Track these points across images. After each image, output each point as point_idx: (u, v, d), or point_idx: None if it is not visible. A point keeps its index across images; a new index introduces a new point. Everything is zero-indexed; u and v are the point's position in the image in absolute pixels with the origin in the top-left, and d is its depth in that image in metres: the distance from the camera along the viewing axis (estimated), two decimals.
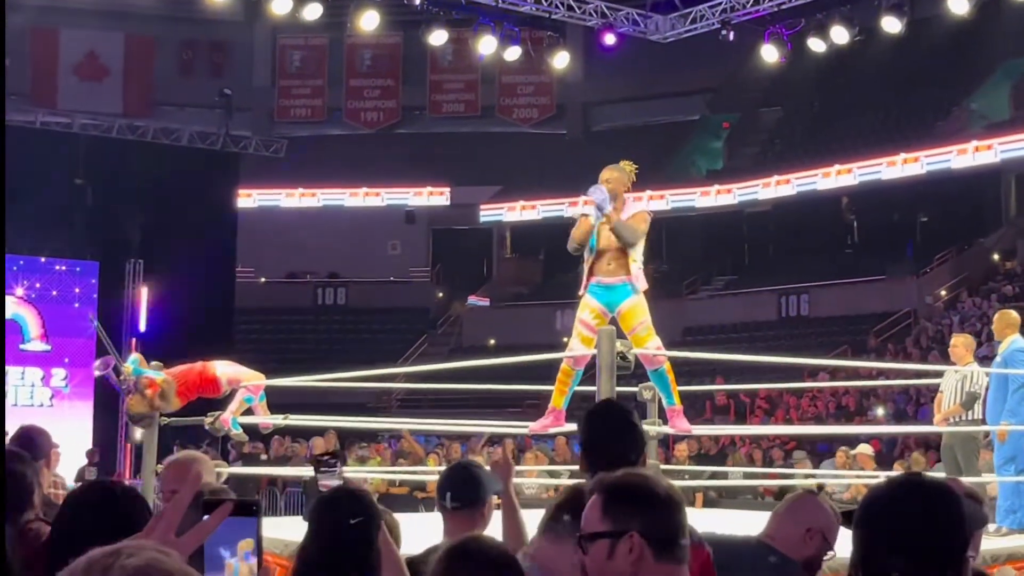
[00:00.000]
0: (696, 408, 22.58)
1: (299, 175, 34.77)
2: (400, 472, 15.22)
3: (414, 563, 3.57)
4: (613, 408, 3.95)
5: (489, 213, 36.33)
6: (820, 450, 18.52)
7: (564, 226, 8.78)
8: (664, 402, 8.41)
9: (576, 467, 9.12)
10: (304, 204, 36.48)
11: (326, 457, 3.73)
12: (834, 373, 22.41)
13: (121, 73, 35.42)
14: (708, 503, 14.19)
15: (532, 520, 3.32)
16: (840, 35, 21.40)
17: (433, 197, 37.07)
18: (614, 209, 8.07)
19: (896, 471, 14.59)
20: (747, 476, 13.80)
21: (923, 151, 29.12)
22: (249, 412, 10.13)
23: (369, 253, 36.23)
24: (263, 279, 35.51)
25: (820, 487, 3.80)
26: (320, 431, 16.74)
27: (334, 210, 36.30)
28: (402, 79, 38.07)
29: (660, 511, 2.33)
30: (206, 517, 1.76)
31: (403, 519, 4.20)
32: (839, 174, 30.57)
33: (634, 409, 4.03)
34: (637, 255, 8.15)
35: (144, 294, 23.36)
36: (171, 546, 1.62)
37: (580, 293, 8.27)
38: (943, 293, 28.67)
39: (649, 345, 8.05)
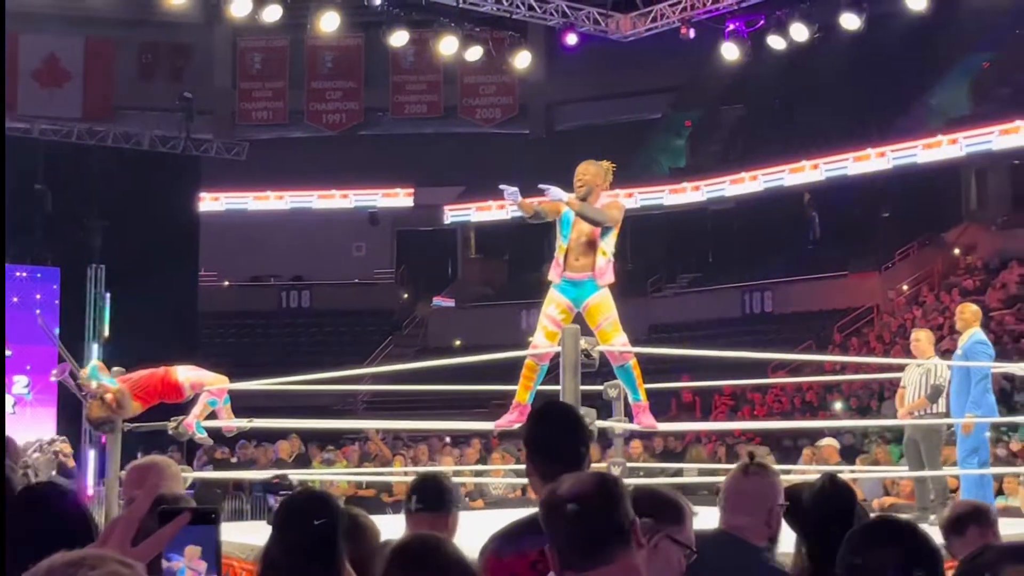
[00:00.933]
0: (662, 405, 22.58)
1: (262, 178, 34.62)
2: (367, 474, 15.18)
3: None
4: (555, 406, 3.98)
5: (454, 214, 36.30)
6: (785, 446, 18.60)
7: (529, 226, 8.80)
8: (630, 398, 8.43)
9: None
10: (272, 207, 36.34)
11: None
12: (798, 369, 22.54)
13: (81, 77, 35.17)
14: None
15: (500, 520, 3.31)
16: (800, 32, 21.51)
17: (397, 198, 37.02)
18: (589, 204, 8.11)
19: (859, 465, 14.69)
20: (703, 472, 13.87)
21: (886, 146, 29.30)
22: (213, 416, 10.08)
23: (334, 255, 36.12)
24: (227, 282, 35.35)
25: (751, 455, 3.76)
26: (285, 434, 16.67)
27: (301, 213, 36.18)
28: (364, 81, 37.97)
29: None
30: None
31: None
32: (805, 170, 30.73)
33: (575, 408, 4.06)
34: (608, 248, 8.15)
35: (107, 299, 23.18)
36: (127, 555, 1.61)
37: (549, 279, 8.27)
38: (905, 288, 28.89)
39: (615, 341, 8.06)
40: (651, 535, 2.73)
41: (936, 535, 3.57)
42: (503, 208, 33.32)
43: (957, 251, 29.59)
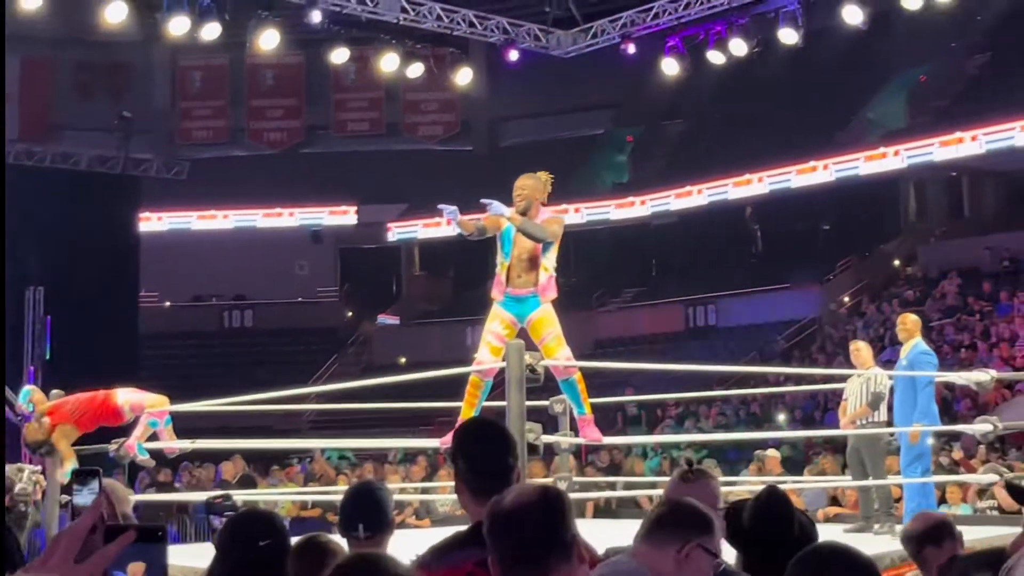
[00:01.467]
0: (608, 419, 22.68)
1: (205, 197, 34.38)
2: (311, 493, 15.07)
3: None
4: (481, 422, 4.00)
5: (397, 231, 36.25)
6: (731, 457, 18.70)
7: (473, 243, 8.79)
8: (575, 412, 8.45)
9: None
10: (216, 226, 36.07)
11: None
12: (742, 381, 22.68)
13: (17, 97, 34.75)
14: (606, 513, 14.20)
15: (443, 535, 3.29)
16: (739, 47, 21.68)
17: (340, 216, 36.89)
18: (528, 217, 8.14)
19: (806, 475, 14.79)
20: (630, 486, 13.95)
21: (830, 159, 29.54)
22: (155, 437, 9.97)
23: (276, 274, 35.92)
24: (168, 303, 35.04)
25: (689, 462, 3.74)
26: (228, 455, 16.53)
27: (244, 232, 35.94)
28: (306, 98, 37.82)
29: None
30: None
31: None
32: (751, 183, 30.93)
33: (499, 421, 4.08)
34: (549, 263, 8.19)
35: (47, 322, 22.90)
36: (70, 573, 1.58)
37: (492, 296, 8.28)
38: (846, 300, 29.17)
39: (559, 355, 8.08)
40: (683, 545, 2.84)
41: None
42: (449, 224, 33.35)
43: (897, 262, 29.94)
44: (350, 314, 37.04)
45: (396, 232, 36.34)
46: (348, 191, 36.12)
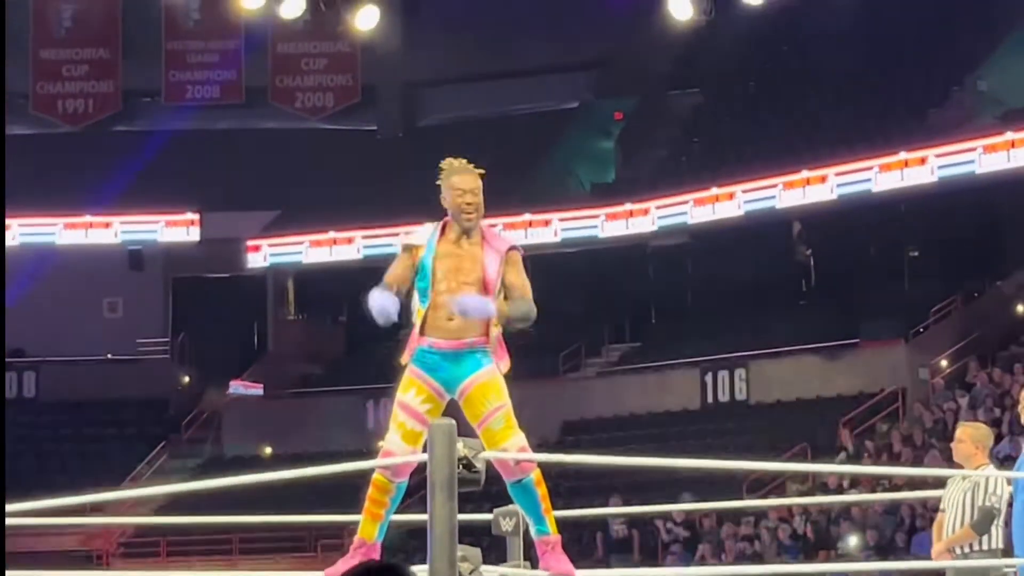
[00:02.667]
0: (583, 544, 22.59)
1: None
2: None
3: None
4: (379, 568, 3.98)
5: (262, 254, 36.07)
6: None
7: (377, 269, 8.71)
8: (532, 531, 8.39)
9: None
10: (13, 240, 35.64)
11: None
12: (786, 485, 22.68)
13: None
14: None
15: None
16: None
17: (173, 230, 36.68)
18: (467, 238, 8.10)
19: None
20: None
21: (926, 149, 29.45)
22: None
23: (74, 317, 35.66)
24: None
25: None
26: None
27: (29, 251, 35.60)
28: (123, 50, 37.72)
29: None
30: None
31: None
32: (802, 185, 30.88)
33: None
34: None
35: None
36: None
37: (402, 361, 8.24)
38: (944, 364, 29.27)
39: (509, 444, 8.04)
40: None
41: None
42: (351, 243, 33.27)
43: (1021, 308, 30.09)
44: (186, 379, 36.80)
45: (260, 255, 36.17)
46: (187, 191, 35.94)
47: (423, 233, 8.25)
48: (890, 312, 30.35)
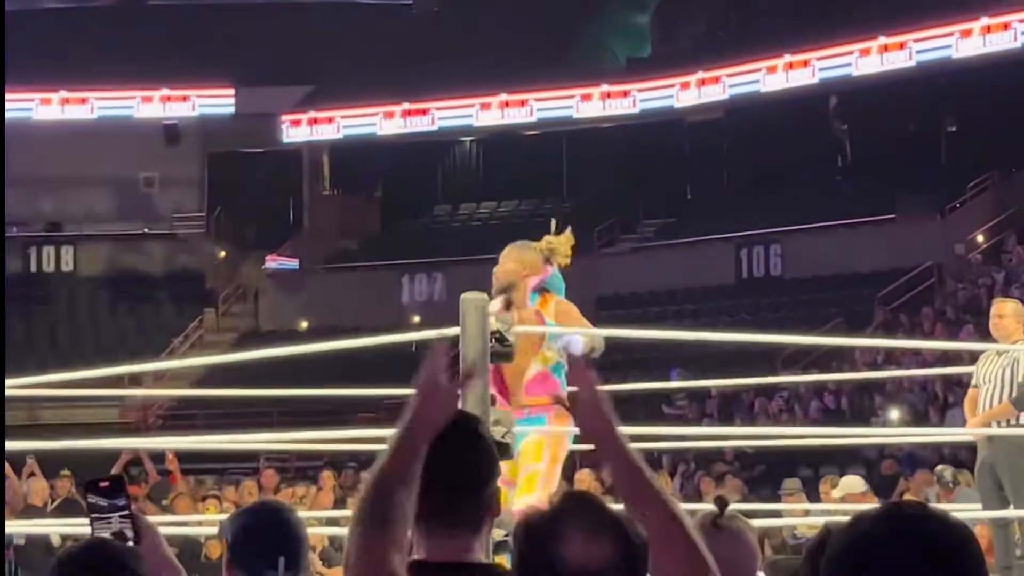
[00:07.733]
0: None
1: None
2: (168, 524, 15.06)
3: None
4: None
5: (297, 128, 36.08)
6: (802, 475, 18.74)
7: (412, 150, 8.69)
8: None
9: None
10: (18, 116, 35.55)
11: (104, 485, 3.65)
12: (821, 360, 22.70)
13: None
14: None
15: None
16: None
17: (209, 103, 36.70)
18: (515, 303, 8.04)
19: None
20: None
21: (962, 23, 29.21)
22: None
23: (110, 193, 35.80)
24: None
25: (721, 501, 3.68)
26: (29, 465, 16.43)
27: (62, 127, 35.65)
28: None
29: None
30: None
31: None
32: (844, 58, 30.67)
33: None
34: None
35: None
36: None
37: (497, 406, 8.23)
38: (980, 239, 29.21)
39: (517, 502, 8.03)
40: None
41: None
42: (391, 117, 33.13)
43: None
44: (223, 255, 36.93)
45: (296, 129, 36.17)
46: (221, 65, 35.88)
47: None
48: (926, 187, 30.26)
